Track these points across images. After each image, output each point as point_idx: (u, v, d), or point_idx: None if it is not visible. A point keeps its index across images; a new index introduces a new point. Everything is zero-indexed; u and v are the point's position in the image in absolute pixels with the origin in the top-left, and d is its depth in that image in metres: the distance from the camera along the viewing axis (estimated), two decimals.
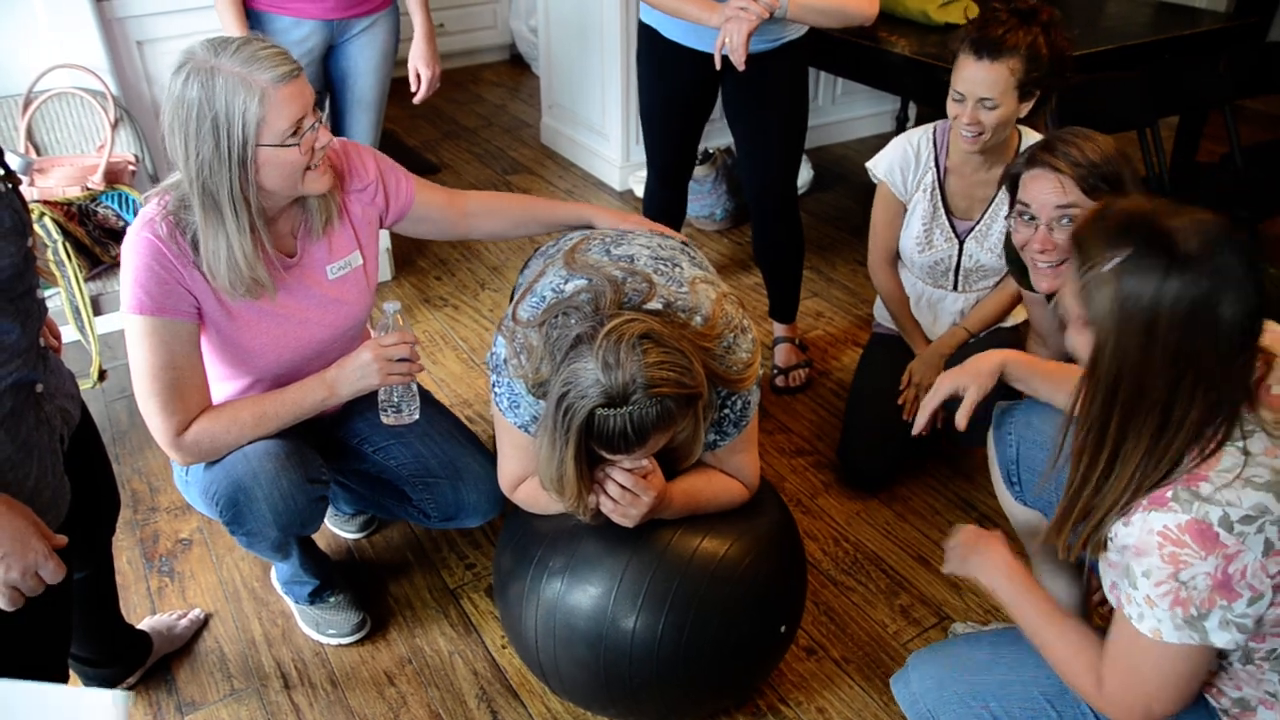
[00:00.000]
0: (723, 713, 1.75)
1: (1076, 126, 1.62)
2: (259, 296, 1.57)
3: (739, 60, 2.05)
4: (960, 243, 2.19)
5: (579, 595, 1.52)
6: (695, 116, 2.49)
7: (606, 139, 3.88)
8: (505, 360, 1.47)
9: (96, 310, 2.26)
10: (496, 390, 1.53)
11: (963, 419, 1.58)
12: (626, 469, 1.43)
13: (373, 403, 1.72)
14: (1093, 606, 1.67)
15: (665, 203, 2.64)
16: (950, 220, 2.19)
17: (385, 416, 1.67)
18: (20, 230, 1.17)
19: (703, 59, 2.23)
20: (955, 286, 2.27)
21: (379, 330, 1.63)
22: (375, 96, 2.67)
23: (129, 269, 1.48)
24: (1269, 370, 1.11)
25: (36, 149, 2.45)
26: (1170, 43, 3.06)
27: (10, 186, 1.17)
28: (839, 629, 1.94)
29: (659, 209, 2.62)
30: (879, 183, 2.24)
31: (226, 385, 1.69)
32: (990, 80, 1.91)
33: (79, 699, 1.09)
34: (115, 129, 2.48)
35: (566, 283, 1.47)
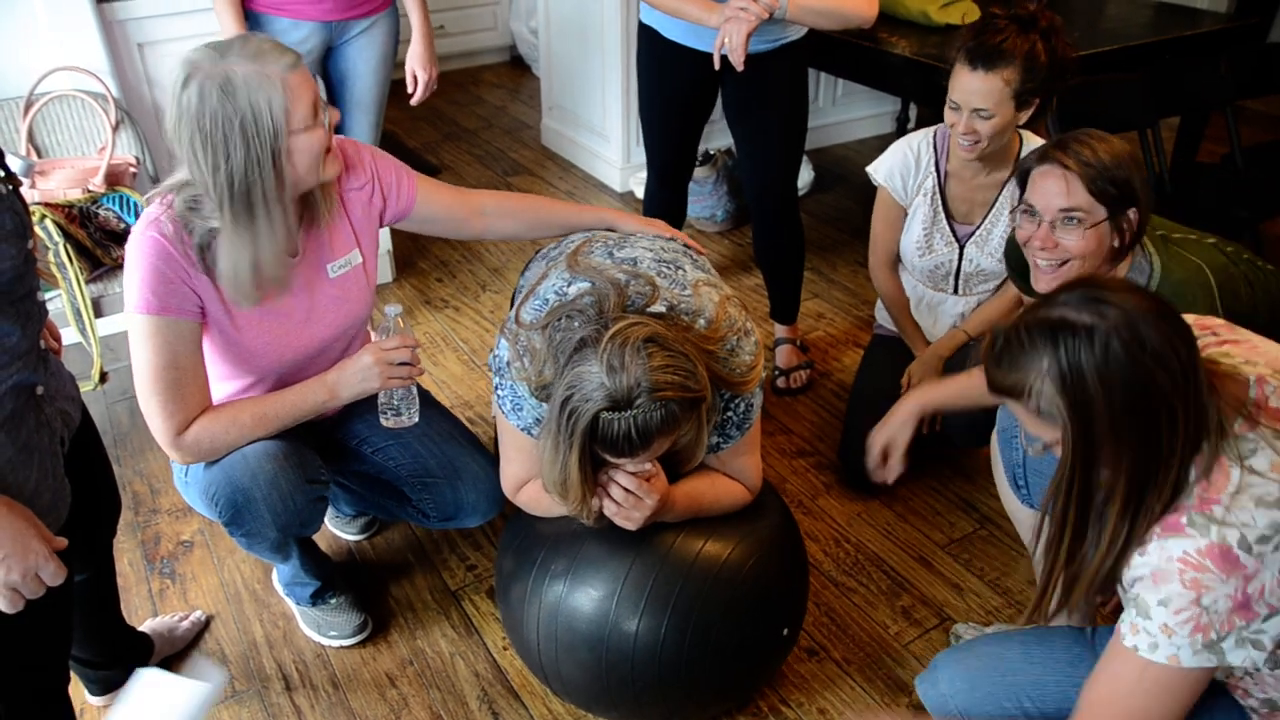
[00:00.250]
0: (724, 715, 1.75)
1: (1091, 128, 1.61)
2: (267, 296, 1.57)
3: (738, 61, 2.05)
4: (960, 247, 2.19)
5: (581, 598, 1.52)
6: (695, 117, 2.49)
7: (607, 140, 3.88)
8: (508, 363, 1.47)
9: (98, 312, 2.26)
10: (499, 393, 1.53)
11: (891, 476, 1.76)
12: (630, 472, 1.42)
13: (372, 404, 1.72)
14: (1094, 607, 1.67)
15: (665, 204, 2.64)
16: (950, 225, 2.19)
17: (385, 419, 1.68)
18: (21, 232, 1.16)
19: (703, 59, 2.22)
20: (955, 290, 2.26)
21: (380, 333, 1.63)
22: (375, 98, 2.67)
23: (134, 268, 1.48)
24: (1263, 388, 1.12)
25: (37, 151, 2.45)
26: (1171, 43, 3.07)
27: (11, 189, 1.17)
28: (840, 630, 1.94)
29: (659, 210, 2.61)
30: (879, 187, 2.24)
31: (227, 385, 1.69)
32: (985, 91, 1.90)
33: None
34: (116, 131, 2.48)
35: (570, 285, 1.47)
